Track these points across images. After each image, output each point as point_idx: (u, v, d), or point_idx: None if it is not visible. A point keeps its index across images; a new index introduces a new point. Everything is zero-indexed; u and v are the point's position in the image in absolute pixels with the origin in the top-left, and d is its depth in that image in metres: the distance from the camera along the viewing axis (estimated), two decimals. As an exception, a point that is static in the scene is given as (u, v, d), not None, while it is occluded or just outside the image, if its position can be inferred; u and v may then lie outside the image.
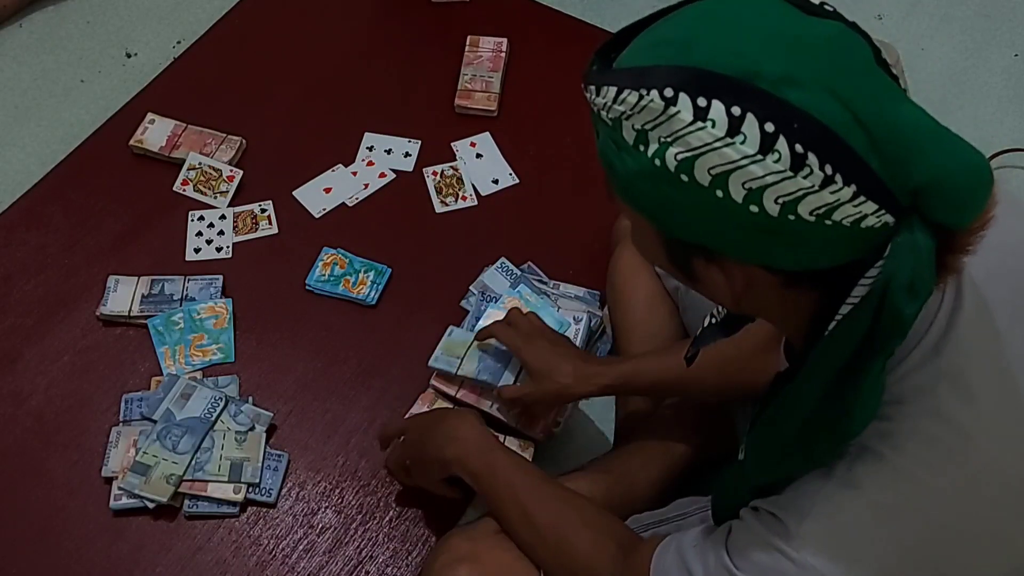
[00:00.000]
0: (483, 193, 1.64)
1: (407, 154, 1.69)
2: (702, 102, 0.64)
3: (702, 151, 0.64)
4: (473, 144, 1.70)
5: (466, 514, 1.33)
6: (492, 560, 1.06)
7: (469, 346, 1.32)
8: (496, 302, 1.43)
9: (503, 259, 1.52)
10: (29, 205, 1.63)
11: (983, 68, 1.93)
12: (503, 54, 1.81)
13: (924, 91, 1.92)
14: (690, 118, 0.64)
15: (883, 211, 0.65)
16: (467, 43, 1.82)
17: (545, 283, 1.51)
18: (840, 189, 0.64)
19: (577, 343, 1.38)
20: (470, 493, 1.33)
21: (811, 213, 0.65)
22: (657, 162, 0.66)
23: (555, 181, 1.66)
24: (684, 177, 0.66)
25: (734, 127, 0.63)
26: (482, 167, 1.67)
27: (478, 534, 1.10)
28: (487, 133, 1.72)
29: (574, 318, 1.41)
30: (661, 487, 1.24)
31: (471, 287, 1.51)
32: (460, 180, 1.65)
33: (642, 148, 0.67)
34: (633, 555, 0.92)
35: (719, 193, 0.65)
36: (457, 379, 1.33)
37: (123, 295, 1.49)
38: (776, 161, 0.63)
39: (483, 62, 1.80)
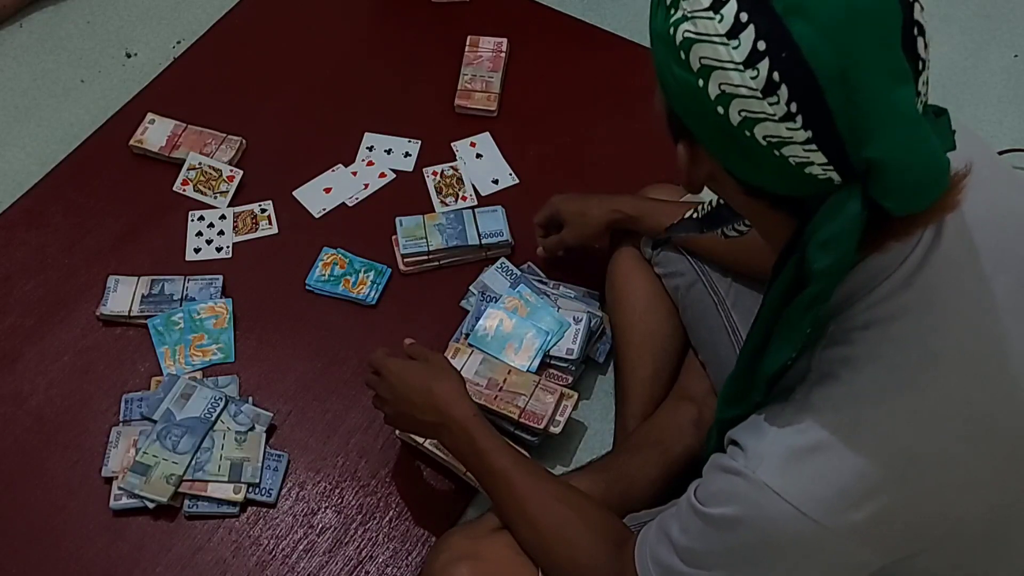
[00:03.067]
0: (483, 193, 1.64)
1: (407, 154, 1.69)
2: None
3: (702, 39, 0.68)
4: (473, 144, 1.70)
5: (466, 513, 1.33)
6: (493, 557, 1.06)
7: (424, 225, 1.53)
8: (496, 302, 1.43)
9: (503, 259, 1.52)
10: (29, 205, 1.63)
11: (983, 68, 1.93)
12: (503, 54, 1.81)
13: (923, 91, 1.91)
14: (707, 4, 0.68)
15: (831, 167, 0.68)
16: (467, 43, 1.82)
17: (545, 283, 1.50)
18: (796, 129, 0.67)
19: (576, 343, 1.39)
20: (468, 493, 1.33)
21: (764, 138, 0.68)
22: (671, 30, 0.70)
23: (555, 181, 1.65)
24: (682, 55, 0.70)
25: (734, 31, 0.67)
26: (482, 167, 1.67)
27: (478, 532, 1.10)
28: (487, 133, 1.72)
29: (574, 318, 1.41)
30: (660, 486, 1.24)
31: (471, 287, 1.51)
32: (460, 180, 1.65)
33: (672, 12, 0.71)
34: (625, 548, 0.93)
35: (700, 83, 0.69)
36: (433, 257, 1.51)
37: (123, 295, 1.49)
38: (753, 79, 0.66)
39: (483, 62, 1.80)
